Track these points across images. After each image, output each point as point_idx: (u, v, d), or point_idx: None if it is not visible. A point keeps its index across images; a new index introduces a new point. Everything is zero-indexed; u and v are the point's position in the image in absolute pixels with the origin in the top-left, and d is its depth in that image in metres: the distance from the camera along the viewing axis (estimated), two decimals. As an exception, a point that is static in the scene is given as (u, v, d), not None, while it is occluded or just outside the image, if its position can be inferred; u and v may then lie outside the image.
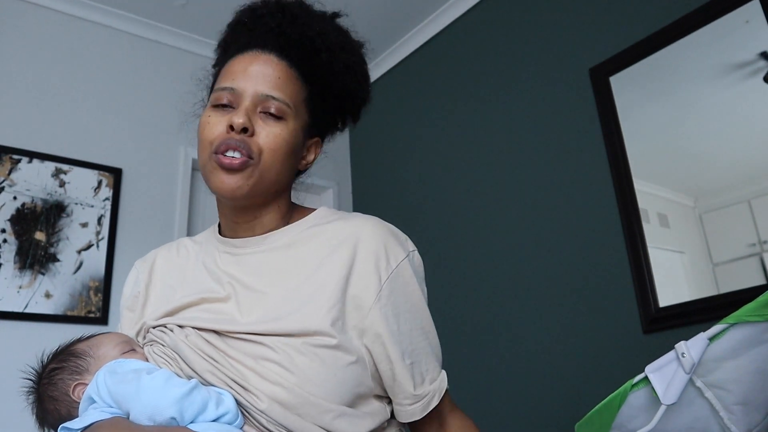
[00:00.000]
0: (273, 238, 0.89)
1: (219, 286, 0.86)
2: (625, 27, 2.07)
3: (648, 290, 1.85)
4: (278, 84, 0.85)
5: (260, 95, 0.84)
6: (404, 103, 3.04)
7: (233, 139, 0.82)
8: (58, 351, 0.84)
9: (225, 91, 0.85)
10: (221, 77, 0.88)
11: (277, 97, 0.85)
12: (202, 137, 0.85)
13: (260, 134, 0.83)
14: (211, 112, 0.86)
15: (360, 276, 0.81)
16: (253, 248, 0.89)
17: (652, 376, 0.84)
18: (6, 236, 2.27)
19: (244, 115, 0.82)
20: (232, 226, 0.91)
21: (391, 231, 0.88)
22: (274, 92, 0.85)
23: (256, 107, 0.84)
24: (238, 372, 0.75)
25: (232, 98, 0.85)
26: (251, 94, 0.84)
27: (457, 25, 2.79)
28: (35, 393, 0.82)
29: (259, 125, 0.84)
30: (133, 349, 0.83)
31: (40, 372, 0.83)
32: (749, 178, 1.73)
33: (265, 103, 0.84)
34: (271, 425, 0.73)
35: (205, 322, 0.81)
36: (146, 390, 0.70)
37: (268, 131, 0.84)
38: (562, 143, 2.22)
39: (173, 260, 0.96)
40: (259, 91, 0.84)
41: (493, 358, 2.30)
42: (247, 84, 0.85)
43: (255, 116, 0.84)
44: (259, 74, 0.85)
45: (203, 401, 0.70)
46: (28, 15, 2.56)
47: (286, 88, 0.86)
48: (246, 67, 0.86)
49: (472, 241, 2.51)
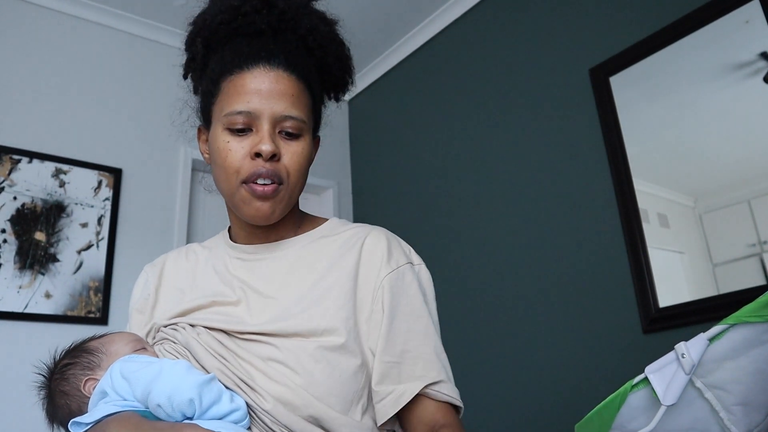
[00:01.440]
0: (284, 245, 0.90)
1: (230, 290, 0.87)
2: (625, 27, 2.07)
3: (648, 290, 1.85)
4: (294, 102, 0.84)
5: (278, 116, 0.83)
6: (404, 103, 3.04)
7: (264, 168, 0.81)
8: (70, 348, 0.85)
9: (241, 114, 0.82)
10: (230, 97, 0.84)
11: (295, 116, 0.83)
12: (226, 165, 0.82)
13: (284, 156, 0.83)
14: (228, 137, 0.83)
15: (364, 278, 0.84)
16: (264, 255, 0.90)
17: (652, 377, 0.84)
18: (6, 236, 2.27)
19: (270, 142, 0.81)
20: (246, 235, 0.92)
21: (397, 239, 0.90)
22: (293, 111, 0.83)
23: (275, 128, 0.83)
24: (246, 372, 0.76)
25: (249, 120, 0.82)
26: (269, 116, 0.82)
27: (457, 25, 2.79)
28: (46, 388, 0.83)
29: (283, 147, 0.83)
30: (144, 348, 0.84)
31: (52, 368, 0.84)
32: (749, 178, 1.73)
33: (283, 123, 0.83)
34: (275, 426, 0.73)
35: (215, 322, 0.82)
36: (169, 372, 0.72)
37: (291, 152, 0.84)
38: (562, 143, 2.22)
39: (182, 264, 0.97)
40: (277, 112, 0.82)
41: (493, 358, 2.30)
42: (263, 105, 0.82)
43: (277, 139, 0.83)
44: (273, 94, 0.83)
45: (219, 392, 0.72)
46: (28, 15, 2.56)
47: (300, 104, 0.85)
48: (258, 86, 0.83)
49: (472, 241, 2.51)
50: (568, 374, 2.03)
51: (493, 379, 2.29)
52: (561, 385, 2.05)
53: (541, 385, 2.11)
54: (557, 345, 2.09)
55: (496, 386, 2.27)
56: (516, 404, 2.18)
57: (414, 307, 0.84)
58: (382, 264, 0.85)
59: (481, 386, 2.31)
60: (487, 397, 2.28)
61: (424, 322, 0.84)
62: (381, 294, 0.83)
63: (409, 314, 0.83)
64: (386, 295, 0.82)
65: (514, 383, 2.21)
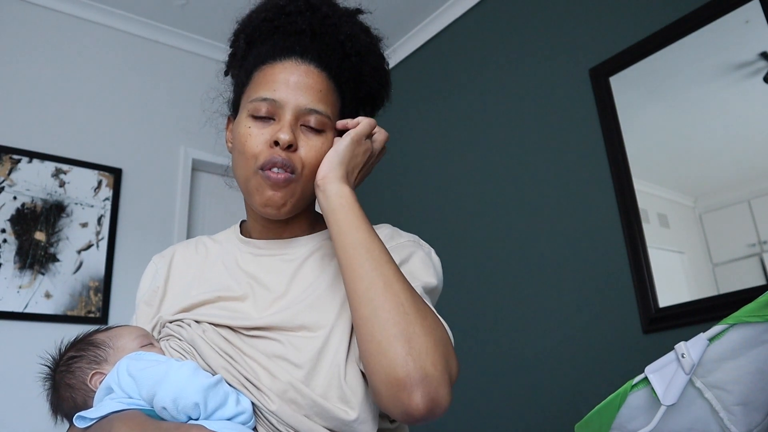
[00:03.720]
0: (297, 243, 0.90)
1: (236, 285, 0.87)
2: (625, 27, 2.07)
3: (648, 290, 1.85)
4: (320, 97, 0.84)
5: (302, 109, 0.83)
6: (404, 103, 3.04)
7: (279, 156, 0.81)
8: (77, 340, 0.84)
9: (265, 102, 0.83)
10: (258, 85, 0.86)
11: (319, 111, 0.84)
12: (245, 149, 0.83)
13: (302, 148, 0.83)
14: (251, 123, 0.84)
15: None
16: (275, 251, 0.90)
17: (651, 377, 0.84)
18: (6, 236, 2.27)
19: (290, 131, 0.81)
20: (261, 229, 0.92)
21: (404, 232, 0.92)
22: (318, 106, 0.84)
23: (297, 120, 0.83)
24: (252, 371, 0.76)
25: (272, 109, 0.83)
26: (293, 107, 0.83)
27: (457, 25, 2.79)
28: (51, 380, 0.82)
29: (301, 139, 0.83)
30: (151, 343, 0.84)
31: (57, 359, 0.83)
32: (749, 178, 1.73)
33: (306, 116, 0.83)
34: (281, 426, 0.73)
35: (220, 318, 0.82)
36: (175, 374, 0.71)
37: (310, 145, 0.83)
38: (562, 143, 2.22)
39: (191, 257, 0.96)
40: (301, 104, 0.83)
41: (493, 357, 2.30)
42: (289, 96, 0.83)
43: (297, 130, 0.83)
44: (300, 86, 0.84)
45: (225, 395, 0.72)
46: (28, 15, 2.56)
47: (326, 101, 0.85)
48: (287, 77, 0.84)
49: (472, 240, 2.51)
50: (568, 374, 2.03)
51: (493, 378, 2.29)
52: (561, 385, 2.05)
53: (541, 385, 2.11)
54: (557, 345, 2.09)
55: (496, 386, 2.27)
56: (516, 404, 2.18)
57: (422, 265, 0.85)
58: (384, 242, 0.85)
59: (481, 386, 2.31)
60: (487, 397, 2.28)
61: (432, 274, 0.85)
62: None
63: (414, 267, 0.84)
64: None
65: (514, 383, 2.21)
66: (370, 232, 0.77)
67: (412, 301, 0.71)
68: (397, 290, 0.71)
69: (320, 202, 0.79)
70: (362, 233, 0.76)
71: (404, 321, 0.69)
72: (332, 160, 0.80)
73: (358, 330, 0.72)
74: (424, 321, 0.70)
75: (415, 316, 0.70)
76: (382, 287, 0.71)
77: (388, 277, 0.72)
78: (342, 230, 0.76)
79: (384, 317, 0.69)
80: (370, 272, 0.72)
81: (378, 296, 0.71)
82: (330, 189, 0.79)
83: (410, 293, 0.72)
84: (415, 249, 0.89)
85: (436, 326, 0.72)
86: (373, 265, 0.73)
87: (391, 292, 0.71)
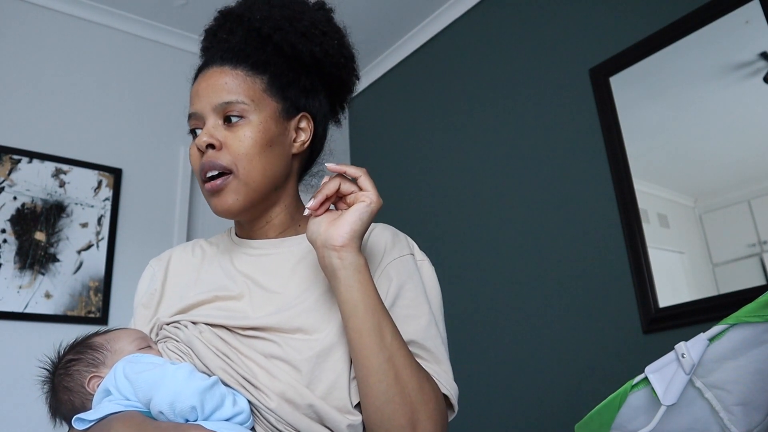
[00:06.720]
0: (291, 242, 0.90)
1: (233, 284, 0.87)
2: (624, 27, 2.07)
3: (648, 290, 1.85)
4: (230, 88, 0.85)
5: (216, 106, 0.85)
6: (404, 103, 3.04)
7: (206, 161, 0.84)
8: (75, 343, 0.85)
9: (191, 119, 0.88)
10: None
11: (230, 101, 0.85)
12: (193, 170, 0.87)
13: (230, 145, 0.84)
14: (192, 142, 0.88)
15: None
16: (269, 250, 0.90)
17: (652, 377, 0.84)
18: (6, 236, 2.27)
19: (206, 134, 0.84)
20: (242, 230, 0.94)
21: (402, 234, 0.92)
22: (229, 96, 0.85)
23: (218, 120, 0.85)
24: (249, 370, 0.76)
25: (196, 122, 0.87)
26: (209, 110, 0.85)
27: (457, 25, 2.79)
28: (50, 383, 0.83)
29: (227, 136, 0.84)
30: (149, 346, 0.84)
31: (56, 362, 0.83)
32: (749, 178, 1.73)
33: (224, 111, 0.85)
34: (279, 424, 0.74)
35: (217, 318, 0.82)
36: (171, 377, 0.72)
37: (235, 137, 0.84)
38: (562, 143, 2.22)
39: (188, 259, 0.97)
40: (213, 103, 0.85)
41: (493, 357, 2.30)
42: (202, 102, 0.86)
43: (220, 129, 0.85)
44: (209, 89, 0.86)
45: (222, 397, 0.72)
46: (28, 15, 2.56)
47: (237, 88, 0.86)
48: (199, 87, 0.88)
49: (472, 240, 2.51)
50: (568, 374, 2.03)
51: (493, 378, 2.29)
52: (561, 385, 2.05)
53: (541, 385, 2.11)
54: (557, 345, 2.09)
55: (496, 386, 2.27)
56: (516, 404, 2.18)
57: (414, 295, 0.84)
58: (384, 253, 0.86)
59: (481, 386, 2.31)
60: (487, 397, 2.28)
61: (425, 311, 0.84)
62: (382, 282, 0.84)
63: (408, 303, 0.83)
64: (387, 283, 0.84)
65: (514, 383, 2.21)
66: (383, 313, 0.76)
67: (419, 389, 0.74)
68: (405, 381, 0.73)
69: (333, 264, 0.76)
70: (376, 316, 0.74)
71: (411, 411, 0.73)
72: (355, 230, 0.76)
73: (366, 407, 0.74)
74: (427, 406, 0.74)
75: (420, 403, 0.73)
76: (393, 379, 0.73)
77: (398, 369, 0.73)
78: (357, 312, 0.74)
79: (392, 408, 0.72)
80: (383, 364, 0.73)
81: (389, 389, 0.73)
82: (347, 258, 0.75)
83: (417, 380, 0.74)
84: (421, 262, 0.90)
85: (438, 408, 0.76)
86: (385, 356, 0.73)
87: (401, 384, 0.73)
